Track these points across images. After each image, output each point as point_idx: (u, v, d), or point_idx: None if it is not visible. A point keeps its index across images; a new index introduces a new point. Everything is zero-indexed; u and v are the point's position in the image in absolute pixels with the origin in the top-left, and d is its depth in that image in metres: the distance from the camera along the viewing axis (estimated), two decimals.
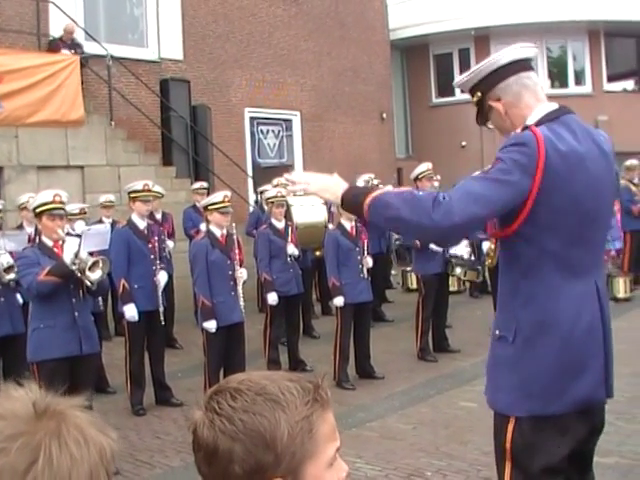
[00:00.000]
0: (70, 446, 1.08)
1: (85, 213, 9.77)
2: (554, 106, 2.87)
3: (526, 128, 2.74)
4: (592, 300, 2.78)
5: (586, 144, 2.76)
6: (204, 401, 1.43)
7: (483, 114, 2.99)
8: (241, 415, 1.35)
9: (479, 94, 2.93)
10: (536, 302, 2.74)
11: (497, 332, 2.89)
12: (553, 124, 2.76)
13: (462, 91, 3.10)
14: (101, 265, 5.97)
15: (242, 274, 7.53)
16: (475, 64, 2.84)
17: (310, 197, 11.23)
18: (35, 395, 1.14)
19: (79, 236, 6.53)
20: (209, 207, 7.55)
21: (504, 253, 2.87)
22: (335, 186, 2.84)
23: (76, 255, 5.90)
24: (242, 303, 7.52)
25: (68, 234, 6.54)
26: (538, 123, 2.77)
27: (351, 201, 2.79)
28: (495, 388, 2.90)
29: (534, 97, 2.88)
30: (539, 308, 2.74)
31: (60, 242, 6.14)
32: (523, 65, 2.90)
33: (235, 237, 7.60)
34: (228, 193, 7.73)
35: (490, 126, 3.03)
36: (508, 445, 2.77)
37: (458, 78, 3.02)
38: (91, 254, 6.05)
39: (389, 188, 2.79)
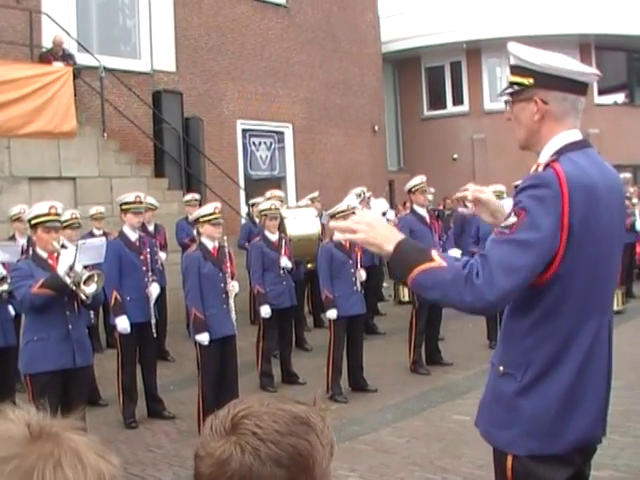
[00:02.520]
0: (65, 470, 1.02)
1: (76, 218, 9.28)
2: (578, 136, 2.75)
3: (547, 165, 2.62)
4: (603, 340, 2.72)
5: (605, 178, 2.69)
6: (226, 427, 1.30)
7: (514, 95, 2.79)
8: (288, 439, 1.27)
9: (531, 80, 2.71)
10: (552, 342, 2.65)
11: (501, 368, 2.76)
12: (573, 154, 2.67)
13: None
14: (96, 279, 5.95)
15: (234, 287, 7.50)
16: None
17: (303, 210, 11.29)
18: (31, 417, 1.09)
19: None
20: (200, 219, 7.53)
21: (526, 293, 2.67)
22: (383, 239, 2.70)
23: (71, 268, 5.87)
24: (234, 316, 7.49)
25: (63, 246, 6.50)
26: (559, 152, 2.67)
27: (398, 269, 2.71)
28: (492, 423, 2.81)
29: (573, 123, 2.76)
30: (555, 348, 2.65)
31: (55, 254, 6.11)
32: (585, 90, 2.77)
33: (227, 249, 7.59)
34: (218, 204, 7.71)
35: (507, 105, 2.83)
36: (509, 474, 2.73)
37: (527, 49, 2.74)
38: (86, 267, 6.03)
39: (430, 264, 2.58)
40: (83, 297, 5.96)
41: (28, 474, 1.01)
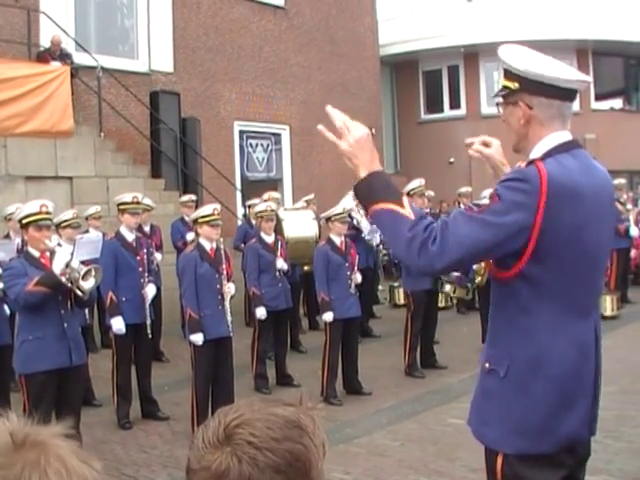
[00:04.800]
0: (51, 478, 1.02)
1: (77, 218, 9.33)
2: (567, 137, 2.75)
3: (531, 163, 2.64)
4: (589, 341, 2.73)
5: (592, 180, 2.68)
6: (220, 438, 1.27)
7: (504, 98, 2.81)
8: (284, 445, 1.25)
9: (517, 85, 2.72)
10: (534, 339, 2.66)
11: (487, 365, 2.78)
12: (561, 155, 2.67)
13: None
14: (94, 273, 5.92)
15: (230, 289, 7.49)
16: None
17: (301, 212, 11.29)
18: (13, 425, 1.08)
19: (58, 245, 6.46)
20: (199, 220, 7.52)
21: (501, 289, 2.75)
22: (362, 163, 2.74)
23: (67, 265, 5.84)
24: (229, 317, 7.48)
25: (59, 245, 6.47)
26: (547, 154, 2.67)
27: (362, 195, 2.75)
28: (482, 421, 2.82)
29: (561, 126, 2.75)
30: (536, 345, 2.66)
31: (47, 253, 6.08)
32: (573, 96, 2.76)
33: (223, 251, 7.58)
34: (218, 206, 7.72)
35: (500, 109, 2.86)
36: (499, 476, 2.73)
37: (513, 54, 2.75)
38: (83, 263, 6.00)
39: (399, 209, 2.62)
40: (79, 293, 5.92)
41: None
